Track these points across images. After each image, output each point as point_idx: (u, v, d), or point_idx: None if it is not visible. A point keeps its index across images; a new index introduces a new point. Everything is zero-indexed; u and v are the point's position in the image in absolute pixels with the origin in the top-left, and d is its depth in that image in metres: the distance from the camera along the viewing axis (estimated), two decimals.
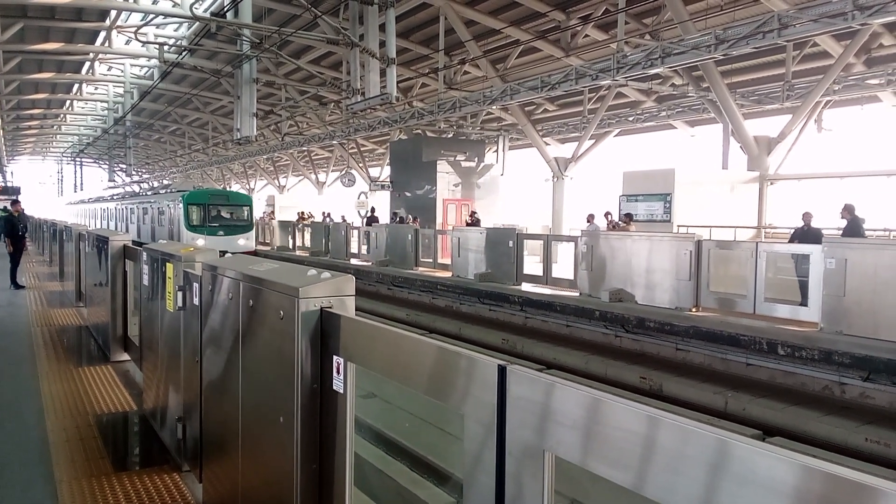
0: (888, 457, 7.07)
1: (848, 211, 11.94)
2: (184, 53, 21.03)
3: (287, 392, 2.67)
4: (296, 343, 2.60)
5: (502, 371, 1.70)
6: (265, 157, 42.43)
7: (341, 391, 2.48)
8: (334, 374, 2.52)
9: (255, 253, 24.22)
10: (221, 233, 24.86)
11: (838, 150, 21.03)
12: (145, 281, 5.57)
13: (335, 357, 2.52)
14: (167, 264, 4.73)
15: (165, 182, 52.13)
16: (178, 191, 28.19)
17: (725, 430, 1.24)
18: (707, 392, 9.20)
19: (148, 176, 60.62)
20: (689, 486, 1.26)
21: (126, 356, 7.42)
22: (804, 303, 9.73)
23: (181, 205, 25.04)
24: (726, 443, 1.21)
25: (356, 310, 2.75)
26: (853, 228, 11.69)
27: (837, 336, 8.76)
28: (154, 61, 29.64)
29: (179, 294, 4.31)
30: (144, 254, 5.60)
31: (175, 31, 27.75)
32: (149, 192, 36.91)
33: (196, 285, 4.00)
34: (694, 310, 10.88)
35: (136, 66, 34.51)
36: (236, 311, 3.23)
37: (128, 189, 49.90)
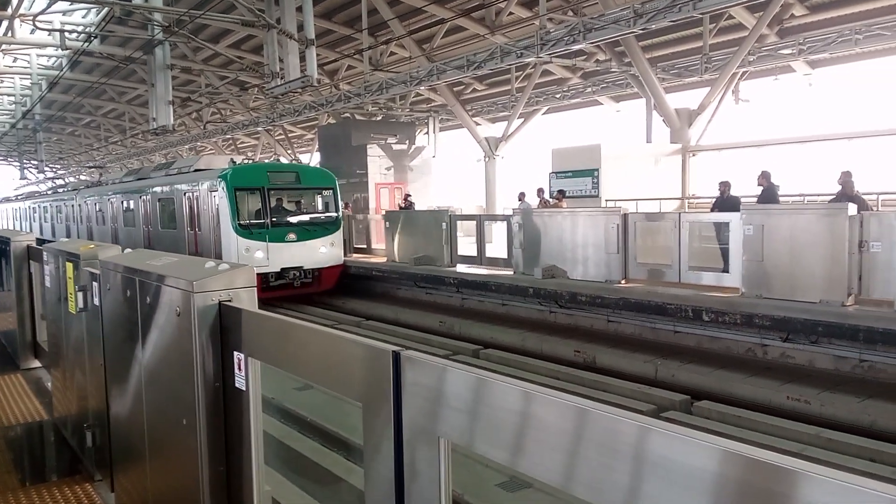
0: (808, 413, 7.38)
1: (765, 178, 12.31)
2: (91, 40, 19.93)
3: (188, 392, 2.52)
4: (193, 340, 2.45)
5: (396, 357, 1.61)
6: (187, 146, 40.99)
7: (244, 388, 2.35)
8: (236, 370, 2.38)
9: (343, 271, 16.51)
10: (292, 237, 15.47)
11: (755, 120, 21.76)
12: (48, 282, 5.24)
13: (236, 353, 2.38)
14: (67, 264, 4.44)
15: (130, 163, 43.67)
16: (198, 170, 17.63)
17: (617, 409, 1.19)
18: (638, 361, 9.41)
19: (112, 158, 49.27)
20: (583, 467, 1.21)
21: (37, 363, 7.02)
22: (726, 269, 10.03)
23: (223, 191, 15.08)
24: (620, 422, 1.17)
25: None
26: (769, 195, 12.08)
27: (758, 300, 9.07)
28: (62, 51, 28.07)
29: (80, 295, 4.05)
30: (45, 253, 5.26)
31: (83, 17, 26.33)
32: (129, 178, 24.10)
33: (96, 284, 3.76)
34: (623, 282, 11.09)
35: (43, 56, 32.63)
36: (134, 310, 3.03)
37: (89, 176, 36.78)
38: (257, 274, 14.19)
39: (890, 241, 7.96)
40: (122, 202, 22.00)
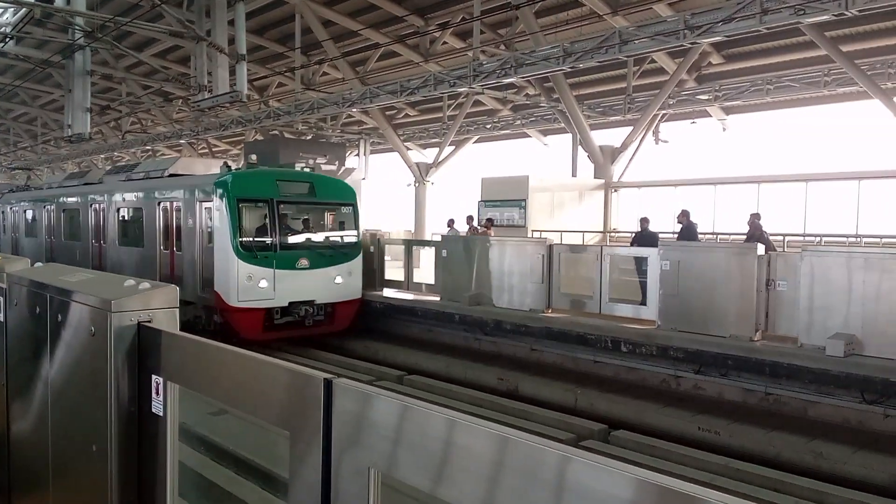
0: (718, 443, 7.68)
1: (684, 215, 12.90)
2: (6, 40, 18.90)
3: (100, 417, 2.39)
4: (108, 362, 2.33)
5: (328, 385, 1.58)
6: (103, 156, 39.30)
7: (161, 414, 2.25)
8: (153, 395, 2.28)
9: (361, 306, 13.51)
10: (304, 263, 12.45)
11: (673, 160, 22.87)
12: None
13: (154, 377, 2.28)
14: None
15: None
16: (175, 175, 14.75)
17: (538, 437, 1.22)
18: (559, 390, 9.57)
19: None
20: (505, 494, 1.24)
21: None
22: (644, 302, 10.38)
23: (222, 203, 11.99)
24: (541, 451, 1.20)
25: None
26: (688, 232, 12.65)
27: (672, 332, 9.42)
28: None
29: None
30: None
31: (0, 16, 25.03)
32: (73, 182, 20.02)
33: (1, 299, 3.53)
34: (547, 311, 11.30)
35: None
36: (43, 328, 2.86)
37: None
38: (261, 309, 11.94)
39: (795, 281, 8.45)
40: (63, 211, 18.71)
